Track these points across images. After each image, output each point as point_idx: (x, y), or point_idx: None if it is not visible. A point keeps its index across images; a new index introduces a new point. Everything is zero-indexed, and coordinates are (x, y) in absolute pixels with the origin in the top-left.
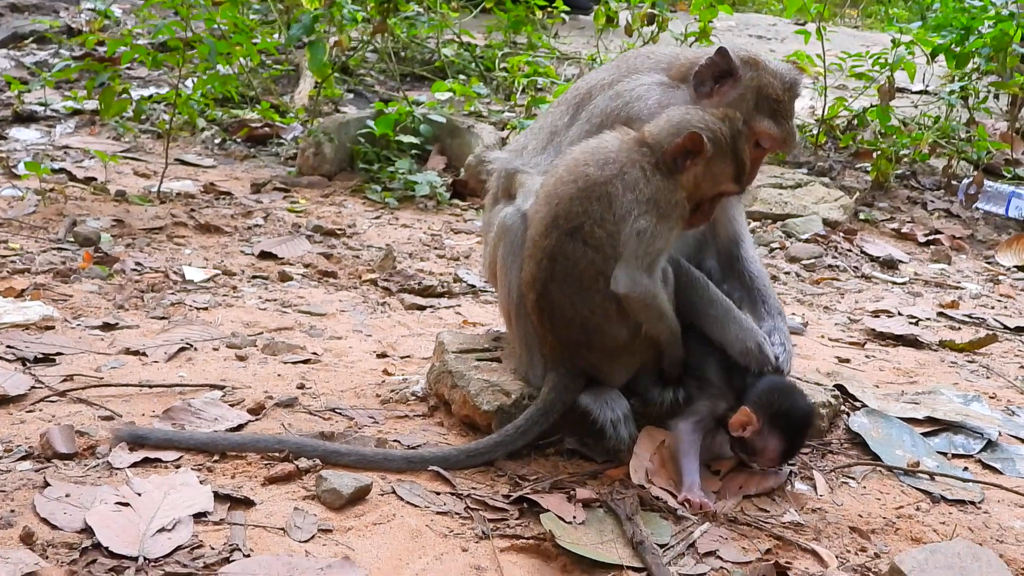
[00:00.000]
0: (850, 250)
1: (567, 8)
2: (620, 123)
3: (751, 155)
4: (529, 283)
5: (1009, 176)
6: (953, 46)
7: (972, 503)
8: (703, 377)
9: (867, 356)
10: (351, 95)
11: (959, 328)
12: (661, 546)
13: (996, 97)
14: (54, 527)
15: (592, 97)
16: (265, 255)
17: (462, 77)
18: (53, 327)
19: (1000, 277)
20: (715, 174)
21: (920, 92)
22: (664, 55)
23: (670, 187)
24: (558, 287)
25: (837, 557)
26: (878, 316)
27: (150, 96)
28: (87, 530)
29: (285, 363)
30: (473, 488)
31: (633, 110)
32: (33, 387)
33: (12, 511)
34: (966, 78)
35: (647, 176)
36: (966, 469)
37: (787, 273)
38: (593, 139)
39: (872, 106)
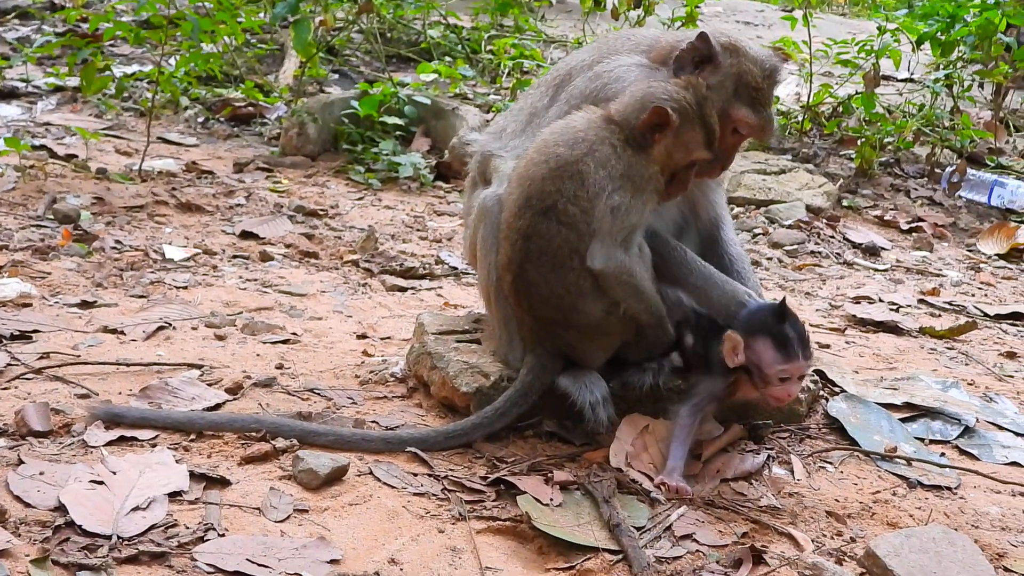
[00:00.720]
0: (832, 236)
1: None
2: (599, 104)
3: (729, 141)
4: (505, 265)
5: (992, 165)
6: (938, 34)
7: (948, 489)
8: (705, 357)
9: (847, 342)
10: (336, 76)
11: (939, 315)
12: (638, 529)
13: (981, 86)
14: (27, 505)
15: (572, 79)
16: (246, 235)
17: (448, 59)
18: (30, 304)
19: (981, 265)
20: (685, 143)
21: (905, 80)
22: (645, 37)
23: (642, 162)
24: (533, 267)
25: (813, 541)
26: (859, 302)
27: (132, 74)
28: (60, 508)
29: (264, 343)
30: (450, 470)
31: (611, 91)
32: (9, 364)
33: None
34: (951, 66)
35: (618, 153)
36: (943, 455)
37: (769, 259)
38: (561, 120)
39: (857, 93)
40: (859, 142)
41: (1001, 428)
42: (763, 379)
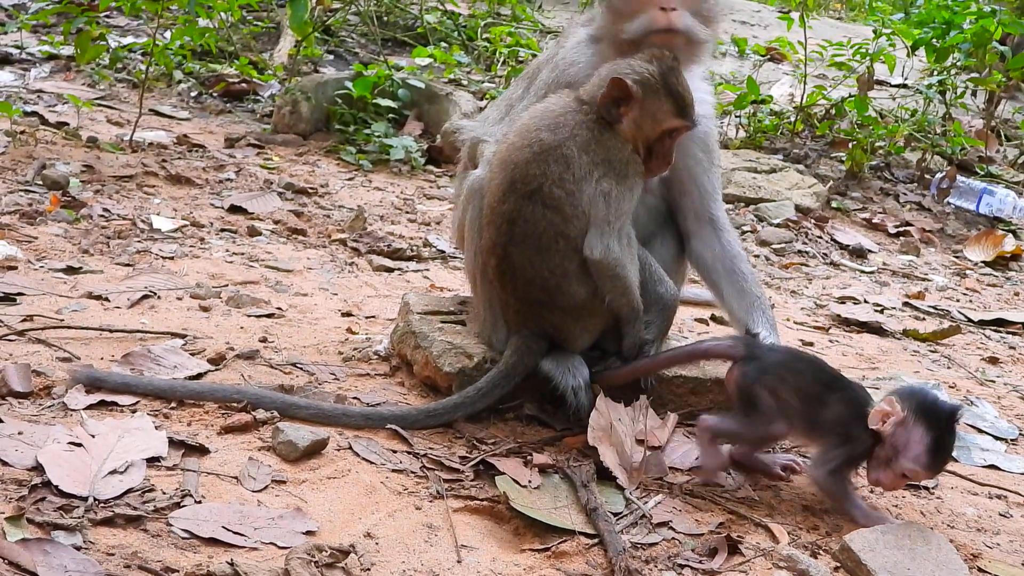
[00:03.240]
0: (820, 237)
1: None
2: (560, 89)
3: None
4: (489, 249)
5: (982, 173)
6: (934, 40)
7: (926, 488)
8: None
9: (831, 341)
10: (331, 56)
11: (924, 319)
12: (615, 515)
13: (974, 94)
14: (5, 463)
15: (539, 72)
16: (235, 209)
17: (444, 45)
18: (16, 267)
19: (967, 271)
20: (653, 113)
21: (899, 86)
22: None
23: (616, 143)
24: (518, 250)
25: (789, 534)
26: (844, 302)
27: (127, 44)
28: (38, 468)
29: (249, 316)
30: (430, 448)
31: (568, 76)
32: None
33: None
34: (945, 72)
35: (595, 135)
36: None
37: (756, 256)
38: (540, 104)
39: (850, 96)
40: (850, 145)
41: (981, 431)
42: (889, 462)
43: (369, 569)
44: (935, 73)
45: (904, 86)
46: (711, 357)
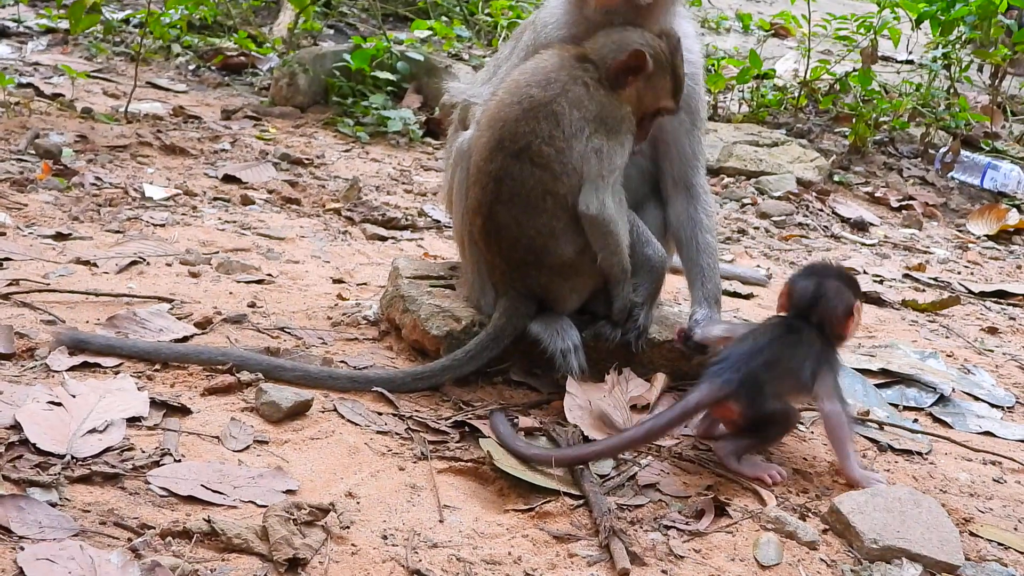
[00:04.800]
0: (821, 210)
1: None
2: (539, 50)
3: None
4: (475, 208)
5: (987, 148)
6: (938, 13)
7: (919, 454)
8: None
9: None
10: (331, 31)
11: (923, 290)
12: (601, 477)
13: (980, 70)
14: None
15: (523, 32)
16: (229, 179)
17: (444, 19)
18: (4, 233)
19: (969, 245)
20: (655, 89)
21: (904, 62)
22: None
23: (614, 102)
24: (504, 209)
25: (777, 497)
26: None
27: (125, 16)
28: (16, 427)
29: (238, 282)
30: (416, 411)
31: (543, 36)
32: None
33: None
34: (949, 46)
35: (590, 92)
36: (916, 421)
37: (756, 228)
38: (531, 60)
39: (855, 71)
40: (854, 120)
41: (977, 399)
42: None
43: (349, 527)
44: (940, 47)
45: (909, 62)
46: (704, 408)
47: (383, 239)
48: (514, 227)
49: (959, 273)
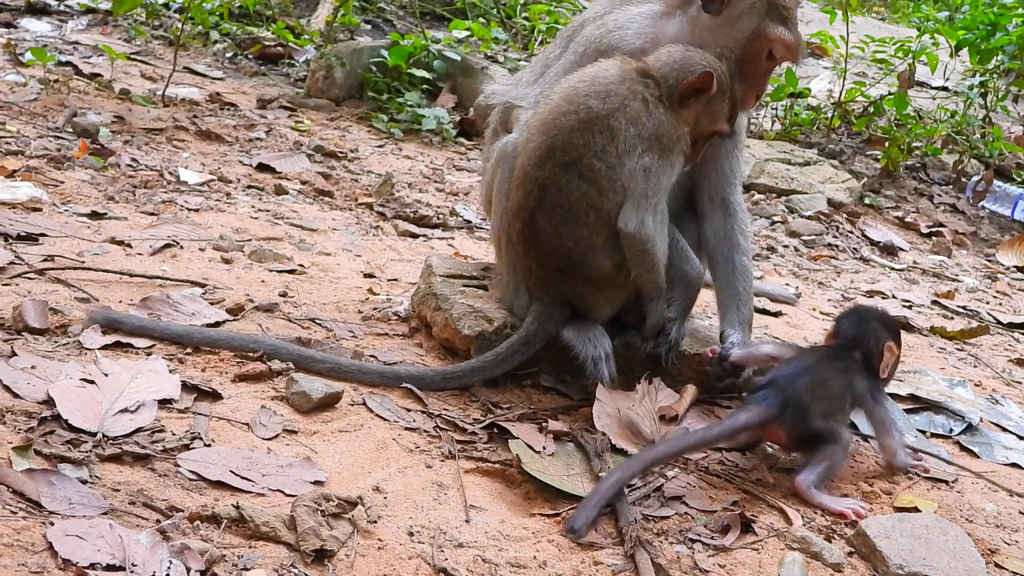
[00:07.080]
0: (851, 232)
1: None
2: (600, 53)
3: (763, 67)
4: (516, 212)
5: (1019, 180)
6: (978, 41)
7: (945, 482)
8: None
9: None
10: (368, 26)
11: (952, 318)
12: (628, 487)
13: (1016, 100)
14: (16, 395)
15: (583, 28)
16: (263, 167)
17: (482, 20)
18: (40, 209)
19: (999, 275)
20: (713, 112)
21: (940, 88)
22: None
23: (672, 122)
24: (545, 217)
25: (803, 516)
26: (872, 296)
27: (165, 2)
28: (48, 402)
29: (270, 271)
30: (445, 409)
31: (613, 39)
32: (12, 262)
33: None
34: (987, 74)
35: (648, 109)
36: (944, 448)
37: (786, 246)
38: (591, 67)
39: (890, 94)
40: (887, 143)
41: (1004, 430)
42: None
43: (376, 522)
44: (977, 75)
45: (944, 88)
46: (750, 429)
47: (414, 236)
48: (553, 236)
49: (987, 303)
